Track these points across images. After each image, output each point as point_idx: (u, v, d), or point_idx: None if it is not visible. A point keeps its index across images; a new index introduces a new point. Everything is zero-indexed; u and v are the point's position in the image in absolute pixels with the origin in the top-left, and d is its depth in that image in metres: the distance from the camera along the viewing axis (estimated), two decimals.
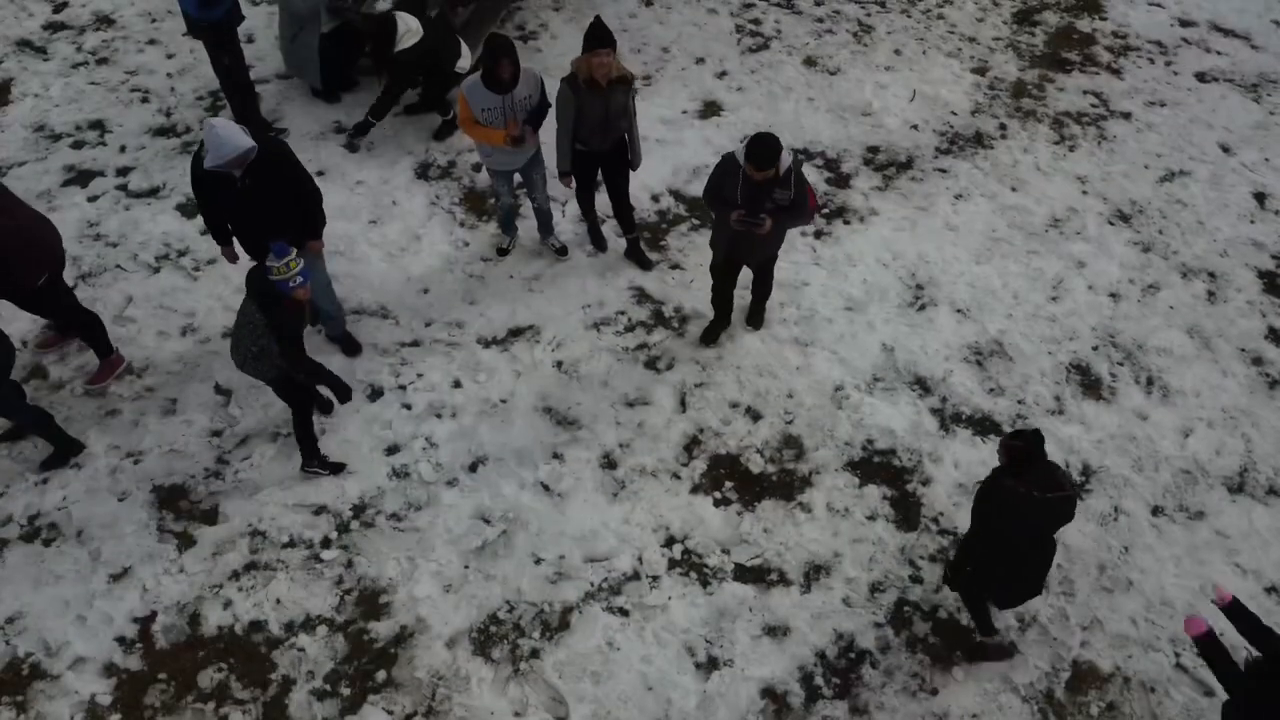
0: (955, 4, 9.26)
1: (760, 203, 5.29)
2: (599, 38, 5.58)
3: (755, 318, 6.37)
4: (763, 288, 6.20)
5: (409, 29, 6.68)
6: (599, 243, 6.78)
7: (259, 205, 5.18)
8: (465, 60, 7.11)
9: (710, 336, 6.26)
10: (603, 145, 6.04)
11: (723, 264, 5.89)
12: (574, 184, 6.29)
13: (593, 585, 5.13)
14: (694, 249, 6.83)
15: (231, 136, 4.91)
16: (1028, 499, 4.22)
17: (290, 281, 4.65)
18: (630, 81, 5.83)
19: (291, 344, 4.80)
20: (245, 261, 5.53)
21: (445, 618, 4.98)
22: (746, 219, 5.28)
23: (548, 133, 6.08)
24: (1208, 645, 4.00)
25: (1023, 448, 4.22)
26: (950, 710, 4.84)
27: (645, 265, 6.68)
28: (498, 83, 5.64)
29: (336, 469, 5.48)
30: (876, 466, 5.72)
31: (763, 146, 5.07)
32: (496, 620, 5.00)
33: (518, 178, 6.43)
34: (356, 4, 7.25)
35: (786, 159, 5.21)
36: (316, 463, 5.44)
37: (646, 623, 5.01)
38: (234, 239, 5.52)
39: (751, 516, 5.47)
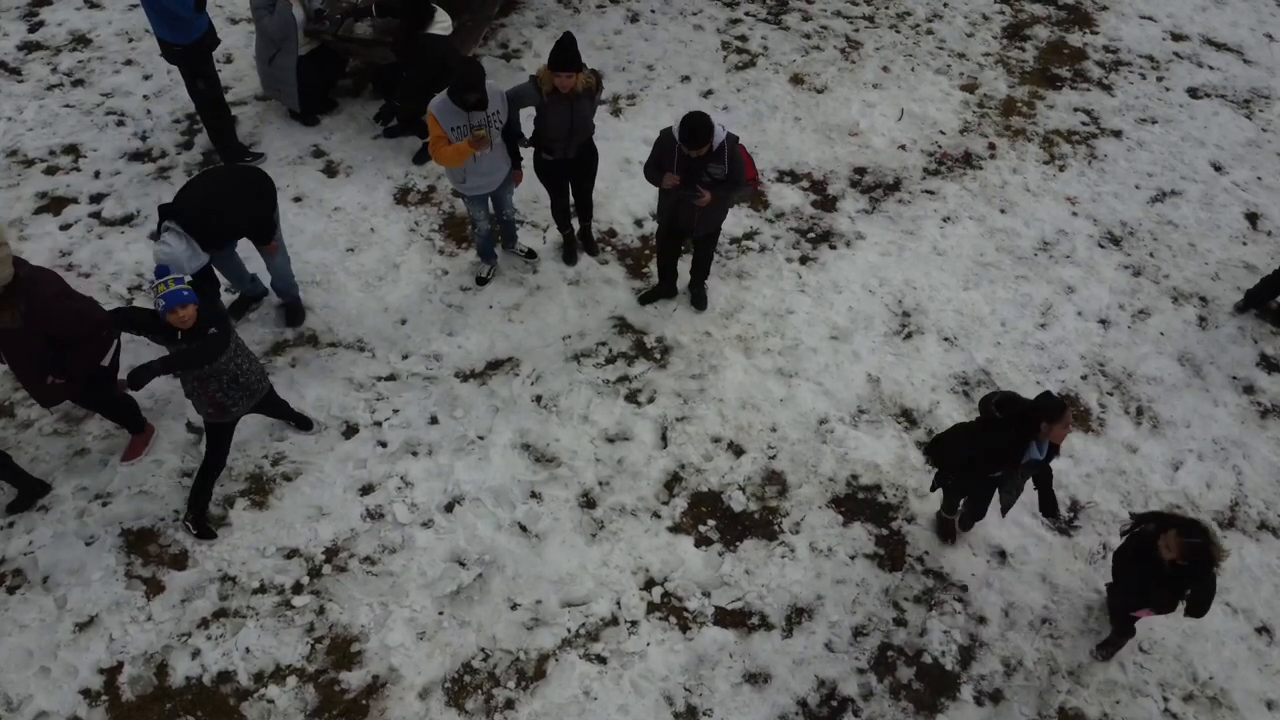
0: (945, 19, 9.14)
1: (696, 176, 5.48)
2: (563, 60, 5.52)
3: (698, 299, 6.50)
4: (701, 266, 6.31)
5: (442, 21, 6.78)
6: (570, 257, 6.75)
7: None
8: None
9: (648, 298, 6.52)
10: (567, 153, 6.05)
11: (665, 232, 6.08)
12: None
13: (570, 631, 5.02)
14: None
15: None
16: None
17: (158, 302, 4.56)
18: (595, 90, 5.81)
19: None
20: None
21: (418, 667, 4.86)
22: (682, 189, 5.49)
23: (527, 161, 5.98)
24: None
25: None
26: None
27: (593, 251, 6.80)
28: (465, 101, 5.53)
29: (206, 535, 5.23)
30: (861, 504, 5.61)
31: (692, 127, 5.22)
32: (471, 669, 4.88)
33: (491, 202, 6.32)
34: (334, 27, 7.14)
35: (720, 135, 5.34)
36: (192, 519, 5.20)
37: (624, 670, 4.90)
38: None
39: (733, 557, 5.35)
